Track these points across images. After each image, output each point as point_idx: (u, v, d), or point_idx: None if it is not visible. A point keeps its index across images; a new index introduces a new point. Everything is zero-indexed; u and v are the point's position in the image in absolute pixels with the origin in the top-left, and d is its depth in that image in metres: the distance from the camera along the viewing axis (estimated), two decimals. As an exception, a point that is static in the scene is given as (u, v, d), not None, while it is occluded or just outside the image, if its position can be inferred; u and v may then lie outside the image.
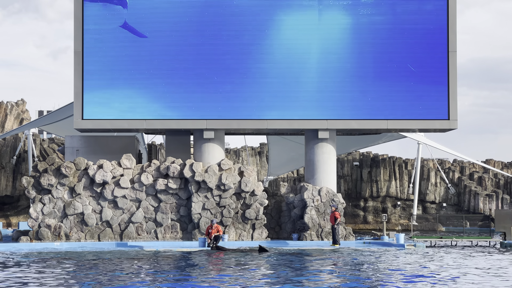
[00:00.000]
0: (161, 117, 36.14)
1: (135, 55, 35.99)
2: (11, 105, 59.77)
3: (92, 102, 35.89)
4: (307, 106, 36.33)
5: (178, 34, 36.08)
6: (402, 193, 61.94)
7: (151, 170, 36.21)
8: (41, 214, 35.76)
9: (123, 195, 35.94)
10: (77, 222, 35.86)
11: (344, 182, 62.06)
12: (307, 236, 36.31)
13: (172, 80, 36.07)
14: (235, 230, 36.17)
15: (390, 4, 36.38)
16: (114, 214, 36.00)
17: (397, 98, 36.49)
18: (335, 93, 36.37)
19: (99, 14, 35.86)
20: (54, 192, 35.81)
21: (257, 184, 36.46)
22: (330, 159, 37.66)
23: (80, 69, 35.87)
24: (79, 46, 35.88)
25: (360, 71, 36.42)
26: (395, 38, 36.47)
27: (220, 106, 36.17)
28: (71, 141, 37.98)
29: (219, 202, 36.05)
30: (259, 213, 36.34)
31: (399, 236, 35.37)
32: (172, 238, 36.07)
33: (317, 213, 36.68)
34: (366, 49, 36.42)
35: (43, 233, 35.44)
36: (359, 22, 36.35)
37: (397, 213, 61.78)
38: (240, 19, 36.16)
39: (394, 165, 62.36)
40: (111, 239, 35.76)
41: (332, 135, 37.55)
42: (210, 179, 35.83)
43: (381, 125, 36.86)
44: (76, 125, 36.10)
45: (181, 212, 36.28)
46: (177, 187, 36.06)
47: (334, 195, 36.92)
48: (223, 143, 37.64)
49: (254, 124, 36.52)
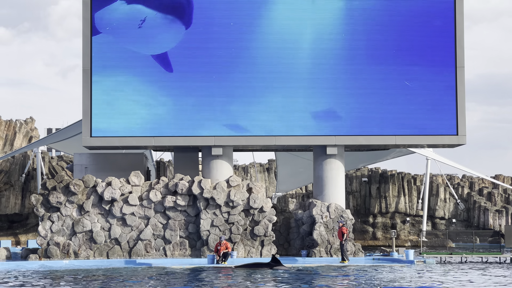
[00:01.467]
0: (169, 134, 36.16)
1: (143, 73, 36.05)
2: (20, 123, 59.96)
3: (100, 119, 35.95)
4: (315, 122, 36.31)
5: (186, 52, 36.14)
6: (411, 209, 61.72)
7: (159, 187, 36.20)
8: (50, 232, 35.75)
9: (132, 212, 35.92)
10: (86, 239, 35.84)
11: (353, 198, 61.90)
12: (316, 253, 36.18)
13: (180, 97, 36.11)
14: (244, 246, 36.08)
15: (399, 21, 36.40)
16: (122, 231, 35.96)
17: (406, 114, 36.45)
18: (344, 109, 36.35)
19: (108, 31, 35.96)
20: (63, 210, 35.82)
21: (266, 200, 36.39)
22: (339, 175, 37.58)
23: (88, 87, 35.97)
24: (87, 64, 35.99)
25: (368, 87, 36.40)
26: (403, 54, 36.47)
27: (229, 123, 36.17)
28: (80, 159, 38.03)
29: (228, 219, 35.99)
30: (268, 229, 36.24)
31: (408, 252, 35.20)
32: (180, 255, 35.98)
33: (326, 230, 36.57)
34: (374, 65, 36.41)
35: (52, 251, 35.41)
36: (368, 38, 36.37)
37: (406, 229, 61.53)
38: (249, 37, 36.21)
39: (403, 180, 62.19)
40: (120, 256, 35.71)
41: (341, 151, 37.50)
42: (218, 195, 35.79)
43: (390, 141, 36.80)
44: (85, 143, 36.16)
45: (190, 229, 36.23)
46: (185, 204, 36.03)
47: (343, 211, 36.82)
48: (231, 160, 37.62)
49: (262, 141, 36.51)
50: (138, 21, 35.79)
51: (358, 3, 36.38)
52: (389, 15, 36.45)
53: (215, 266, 32.77)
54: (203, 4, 36.12)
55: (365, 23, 36.40)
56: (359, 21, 36.38)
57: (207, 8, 36.12)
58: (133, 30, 35.94)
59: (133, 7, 35.88)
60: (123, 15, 35.93)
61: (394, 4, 36.49)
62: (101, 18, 35.95)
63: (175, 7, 36.04)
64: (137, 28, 35.92)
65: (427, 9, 36.47)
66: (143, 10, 35.86)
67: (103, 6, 35.95)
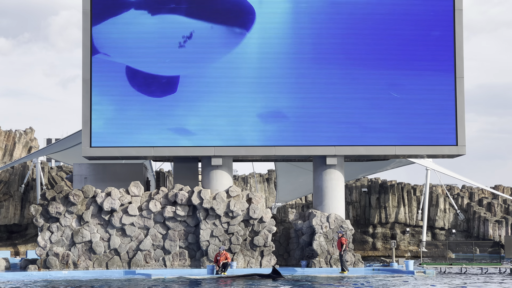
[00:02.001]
0: (169, 144, 36.17)
1: (143, 82, 36.08)
2: (20, 134, 59.95)
3: (100, 129, 35.97)
4: (315, 133, 36.33)
5: (184, 62, 36.20)
6: (411, 219, 61.64)
7: (159, 197, 36.18)
8: (49, 243, 35.70)
9: (131, 222, 35.89)
10: (85, 250, 35.78)
11: (353, 208, 61.83)
12: (316, 263, 36.12)
13: (180, 107, 36.13)
14: (244, 257, 36.02)
15: (399, 32, 36.47)
16: (122, 241, 35.91)
17: (405, 124, 36.48)
18: (343, 119, 36.37)
19: (107, 42, 36.04)
20: (62, 220, 35.78)
21: (266, 211, 36.36)
22: (339, 186, 37.57)
23: (88, 97, 36.00)
24: (87, 74, 36.05)
25: (368, 97, 36.44)
26: (403, 64, 36.53)
27: (228, 133, 36.19)
28: (79, 169, 38.02)
29: (228, 229, 35.94)
30: (268, 240, 36.20)
31: (408, 262, 35.15)
32: (180, 265, 35.93)
33: (325, 240, 36.52)
34: (374, 75, 36.47)
35: (51, 261, 35.35)
36: (368, 49, 36.44)
37: (406, 239, 61.44)
38: (245, 45, 36.28)
39: (403, 191, 62.14)
40: (119, 267, 35.65)
41: (340, 161, 37.50)
42: (218, 206, 35.76)
43: (389, 151, 36.82)
44: (84, 153, 36.16)
45: (190, 240, 36.18)
46: (185, 214, 36.00)
47: (343, 222, 36.78)
48: (231, 170, 37.62)
49: (262, 151, 36.51)
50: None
51: (359, 13, 36.43)
52: (389, 27, 36.53)
53: (214, 277, 32.71)
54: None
55: (366, 33, 36.47)
56: (360, 32, 36.45)
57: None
58: (132, 39, 36.03)
59: (135, 19, 36.00)
60: (125, 29, 36.03)
61: (393, 15, 36.55)
62: (101, 31, 36.03)
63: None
64: (134, 36, 36.04)
65: (426, 20, 36.55)
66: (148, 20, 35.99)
67: (103, 17, 36.02)
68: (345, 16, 36.46)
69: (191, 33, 36.12)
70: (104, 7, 36.03)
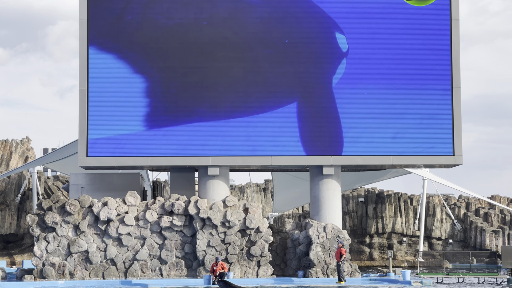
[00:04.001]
0: (165, 154, 36.13)
1: (140, 92, 36.11)
2: (16, 143, 59.89)
3: (96, 139, 35.93)
4: (312, 142, 36.31)
5: (182, 70, 36.23)
6: (407, 229, 61.60)
7: (155, 207, 36.12)
8: (46, 252, 35.60)
9: (128, 232, 35.80)
10: (82, 260, 35.69)
11: (350, 218, 61.79)
12: (313, 273, 36.05)
13: (176, 117, 36.12)
14: (240, 267, 35.94)
15: (395, 41, 36.53)
16: (118, 251, 35.82)
17: (402, 134, 36.48)
18: (340, 129, 36.34)
19: (105, 51, 36.03)
20: (59, 230, 35.69)
21: (262, 221, 36.31)
22: (335, 195, 37.54)
23: (85, 107, 35.98)
24: (84, 84, 36.03)
25: (364, 107, 36.46)
26: (400, 74, 36.56)
27: (225, 143, 36.17)
28: (76, 179, 37.95)
29: (224, 239, 35.88)
30: (264, 250, 36.13)
31: (405, 272, 35.10)
32: (177, 275, 35.83)
33: (322, 250, 36.46)
34: (371, 85, 36.50)
35: (47, 271, 35.24)
36: (365, 58, 36.50)
37: (403, 249, 61.39)
38: (244, 54, 36.33)
39: (400, 201, 62.12)
40: (116, 277, 35.55)
41: (337, 171, 37.48)
42: (215, 216, 35.71)
43: (386, 161, 36.81)
44: (81, 163, 36.11)
45: (186, 249, 36.10)
46: (182, 224, 35.93)
47: (340, 232, 36.73)
48: (228, 180, 37.58)
49: (259, 161, 36.49)
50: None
51: (355, 22, 36.52)
52: (385, 37, 36.58)
53: (211, 287, 32.63)
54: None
55: (362, 42, 36.52)
56: (357, 41, 36.51)
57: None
58: (128, 47, 36.06)
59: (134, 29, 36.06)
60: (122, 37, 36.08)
61: (390, 26, 36.61)
62: (98, 40, 36.07)
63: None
64: (130, 43, 36.07)
65: (423, 30, 36.61)
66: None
67: (100, 28, 36.04)
68: (341, 25, 36.54)
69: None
70: (102, 17, 36.05)
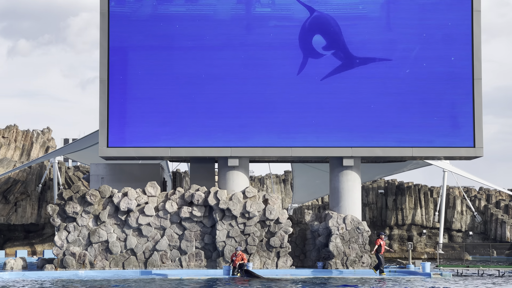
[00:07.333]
0: (186, 145, 36.20)
1: (160, 84, 36.16)
2: (37, 133, 60.24)
3: (117, 130, 36.04)
4: (332, 134, 36.26)
5: (203, 62, 36.24)
6: (427, 221, 61.39)
7: (175, 197, 36.22)
8: (66, 242, 35.83)
9: (148, 223, 35.95)
10: (102, 250, 35.88)
11: (369, 210, 61.66)
12: (332, 265, 36.03)
13: (197, 108, 36.17)
14: (260, 258, 35.99)
15: (416, 33, 36.33)
16: (138, 242, 35.98)
17: (423, 126, 36.32)
18: (360, 121, 36.26)
19: (125, 42, 36.12)
20: (79, 220, 35.90)
21: (282, 212, 36.32)
22: (355, 187, 37.47)
23: (105, 97, 36.10)
24: (104, 74, 36.14)
25: (385, 98, 36.32)
26: (420, 65, 36.37)
27: (245, 134, 36.18)
28: (96, 169, 38.12)
29: (244, 230, 35.93)
30: (284, 241, 36.15)
31: (425, 264, 35.00)
32: (196, 266, 35.95)
33: (342, 241, 36.42)
34: (391, 77, 36.35)
35: (67, 261, 35.48)
36: (385, 51, 36.36)
37: (422, 241, 61.20)
38: (264, 48, 36.28)
39: (420, 193, 61.89)
40: (136, 267, 35.72)
41: (357, 162, 37.39)
42: (234, 207, 35.76)
43: (406, 153, 36.67)
44: (101, 153, 36.25)
45: (206, 240, 36.19)
46: (201, 215, 36.02)
47: (359, 223, 36.68)
48: (247, 171, 37.60)
49: (278, 152, 36.48)
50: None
51: (378, 14, 36.38)
52: (407, 27, 36.39)
53: (230, 278, 32.72)
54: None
55: (382, 35, 36.38)
56: (377, 33, 36.37)
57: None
58: (149, 39, 36.12)
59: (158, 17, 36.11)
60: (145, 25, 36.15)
61: (411, 16, 36.41)
62: (118, 31, 36.14)
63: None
64: (152, 36, 36.11)
65: (444, 22, 36.37)
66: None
67: (120, 19, 36.09)
68: (363, 17, 36.42)
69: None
70: (123, 8, 36.13)
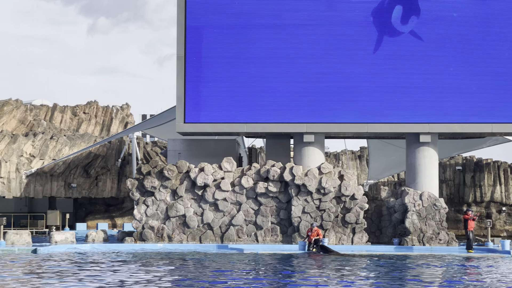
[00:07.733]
0: (261, 120, 36.35)
1: (236, 60, 36.34)
2: (116, 109, 61.37)
3: (193, 106, 36.44)
4: (408, 109, 35.86)
5: (280, 39, 36.23)
6: (507, 198, 60.19)
7: (251, 173, 36.49)
8: (145, 216, 36.56)
9: (224, 198, 36.35)
10: (179, 224, 36.49)
11: (446, 186, 60.81)
12: (408, 241, 35.78)
13: (272, 84, 36.25)
14: (335, 234, 36.02)
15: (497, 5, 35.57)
16: (215, 216, 36.44)
17: (503, 101, 35.58)
18: (437, 96, 35.74)
19: (202, 19, 36.40)
20: (157, 194, 36.55)
21: (357, 188, 36.20)
22: (432, 163, 37.02)
23: (182, 74, 36.48)
24: (181, 51, 36.50)
25: (463, 73, 35.69)
26: (502, 40, 35.55)
27: (321, 110, 36.10)
28: (173, 145, 38.67)
29: (319, 206, 35.98)
30: (359, 217, 36.07)
31: (504, 242, 34.41)
32: (272, 241, 36.22)
33: (418, 218, 36.11)
34: (471, 52, 35.66)
35: (146, 234, 36.22)
36: (461, 21, 35.69)
37: (502, 219, 60.10)
38: (343, 26, 36.04)
39: (499, 169, 60.66)
40: (212, 241, 36.22)
41: (434, 139, 36.90)
42: (310, 182, 35.82)
43: (486, 129, 35.99)
44: (178, 129, 36.73)
45: (281, 215, 36.40)
46: (277, 191, 36.21)
47: (436, 200, 36.27)
48: (323, 147, 37.56)
49: (354, 128, 36.31)
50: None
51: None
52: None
53: (306, 253, 32.87)
54: None
55: (462, 7, 35.71)
56: (456, 5, 35.74)
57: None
58: (227, 15, 36.28)
59: None
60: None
61: None
62: (196, 7, 36.39)
63: None
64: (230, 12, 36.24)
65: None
66: None
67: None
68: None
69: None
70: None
